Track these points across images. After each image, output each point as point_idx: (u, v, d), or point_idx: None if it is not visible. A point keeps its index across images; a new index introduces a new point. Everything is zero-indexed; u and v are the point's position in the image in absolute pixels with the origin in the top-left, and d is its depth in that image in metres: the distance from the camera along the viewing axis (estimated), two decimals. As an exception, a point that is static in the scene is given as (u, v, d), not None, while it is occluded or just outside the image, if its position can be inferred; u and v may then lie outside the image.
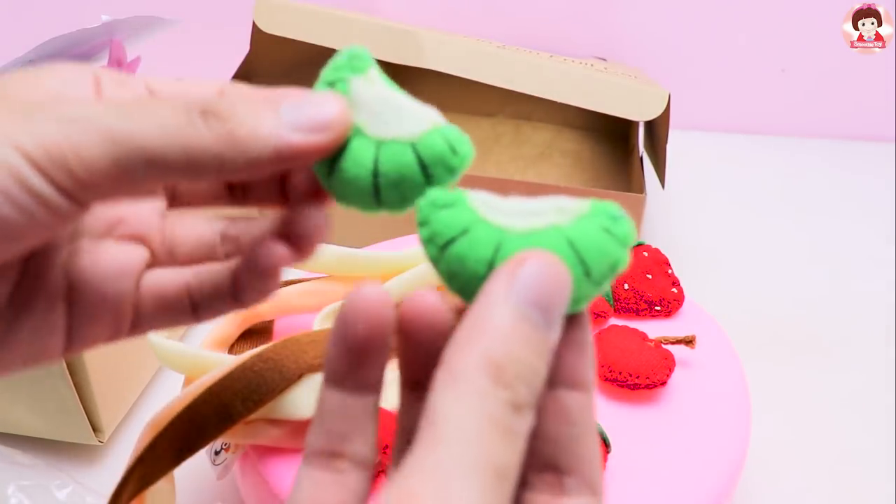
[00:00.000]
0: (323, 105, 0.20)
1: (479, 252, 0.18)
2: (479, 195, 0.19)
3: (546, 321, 0.17)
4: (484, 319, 0.17)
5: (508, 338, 0.17)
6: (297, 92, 0.20)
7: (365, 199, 0.21)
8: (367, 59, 0.21)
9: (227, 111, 0.19)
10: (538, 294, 0.17)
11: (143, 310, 0.23)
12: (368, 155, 0.20)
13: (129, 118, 0.18)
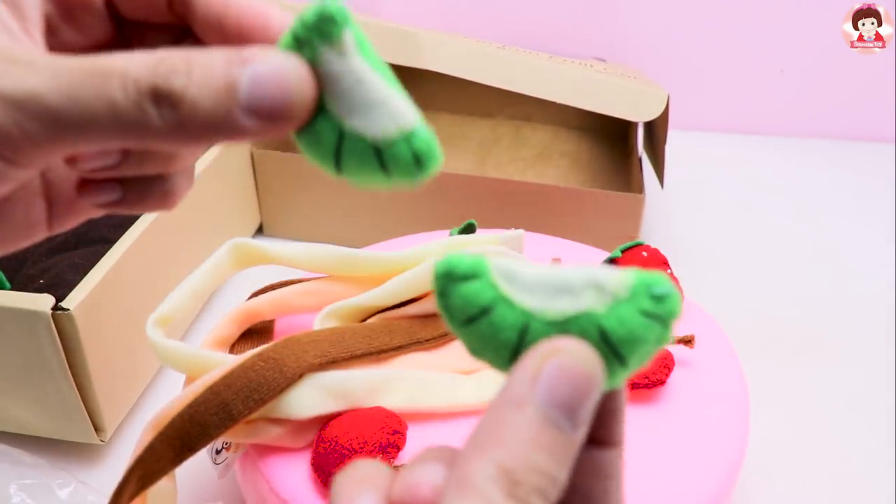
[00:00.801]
0: (287, 89, 0.18)
1: (502, 337, 0.17)
2: (503, 263, 0.17)
3: (573, 424, 0.15)
4: (502, 423, 0.15)
5: (529, 446, 0.15)
6: (260, 59, 0.18)
7: (327, 167, 0.20)
8: (340, 21, 0.19)
9: (179, 92, 0.18)
10: (566, 394, 0.15)
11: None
12: (331, 138, 0.19)
13: (75, 99, 0.18)
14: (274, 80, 0.18)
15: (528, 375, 0.16)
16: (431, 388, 0.34)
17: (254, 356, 0.32)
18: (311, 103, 0.19)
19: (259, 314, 0.39)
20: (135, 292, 0.43)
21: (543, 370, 0.16)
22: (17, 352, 0.38)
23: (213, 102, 0.18)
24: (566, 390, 0.15)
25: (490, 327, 0.17)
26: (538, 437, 0.15)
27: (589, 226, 0.56)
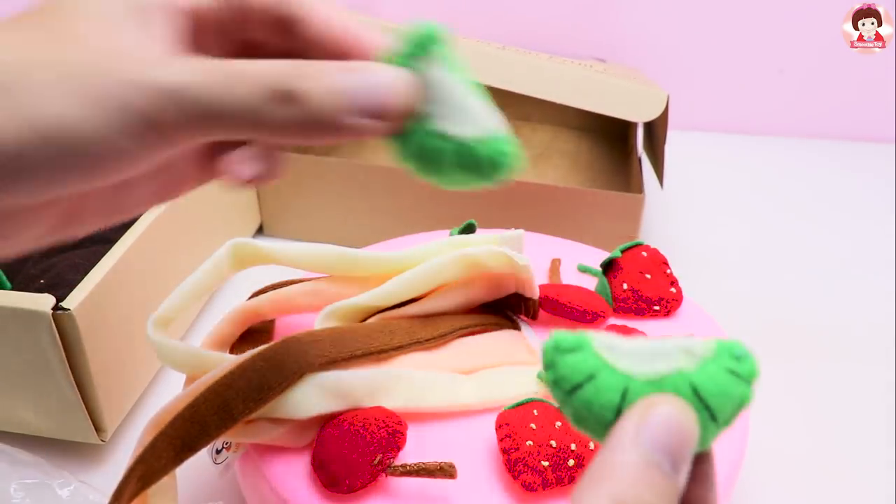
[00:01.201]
0: (393, 94, 0.22)
1: (606, 398, 0.19)
2: (603, 337, 0.20)
3: (674, 467, 0.17)
4: (612, 462, 0.17)
5: (637, 482, 0.17)
6: (373, 68, 0.22)
7: (416, 167, 0.24)
8: (439, 39, 0.23)
9: (303, 95, 0.21)
10: (667, 440, 0.18)
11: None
12: (422, 141, 0.23)
13: (218, 93, 0.21)
14: (384, 86, 0.22)
15: (634, 423, 0.18)
16: (431, 388, 0.34)
17: (254, 356, 0.32)
18: (412, 107, 0.22)
19: (259, 314, 0.39)
20: (135, 292, 0.43)
21: (648, 418, 0.18)
22: (17, 352, 0.38)
23: (332, 103, 0.21)
24: (667, 437, 0.18)
25: (595, 391, 0.19)
26: (645, 476, 0.17)
27: (589, 226, 0.56)
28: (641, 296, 0.41)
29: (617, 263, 0.42)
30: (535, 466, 0.30)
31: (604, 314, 0.40)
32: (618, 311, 0.41)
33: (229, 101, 0.21)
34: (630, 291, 0.41)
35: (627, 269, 0.42)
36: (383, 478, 0.31)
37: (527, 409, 0.32)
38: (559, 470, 0.30)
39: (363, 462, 0.30)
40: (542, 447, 0.31)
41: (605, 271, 0.42)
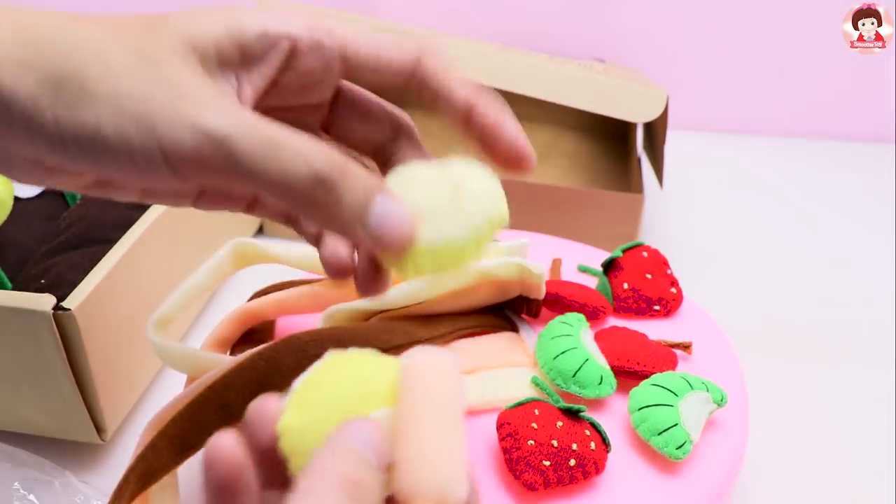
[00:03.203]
0: (400, 232, 0.23)
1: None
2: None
3: (378, 463, 0.20)
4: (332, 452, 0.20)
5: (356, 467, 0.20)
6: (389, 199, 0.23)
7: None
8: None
9: (338, 191, 0.23)
10: (371, 440, 0.21)
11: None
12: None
13: (260, 153, 0.22)
14: (394, 216, 0.23)
15: (343, 427, 0.21)
16: (431, 388, 0.34)
17: (254, 355, 0.33)
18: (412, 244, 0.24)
19: (260, 315, 0.39)
20: (136, 292, 0.43)
21: (352, 426, 0.21)
22: (18, 352, 0.38)
23: (350, 209, 0.23)
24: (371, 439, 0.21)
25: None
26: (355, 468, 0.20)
27: (588, 226, 0.56)
28: (642, 295, 0.41)
29: (618, 263, 0.42)
30: (537, 466, 0.30)
31: (604, 310, 0.40)
32: (618, 311, 0.41)
33: (268, 165, 0.22)
34: (631, 291, 0.41)
35: (628, 268, 0.42)
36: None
37: (528, 408, 0.32)
38: (560, 469, 0.30)
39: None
40: (543, 447, 0.31)
41: (606, 271, 0.43)
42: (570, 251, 0.47)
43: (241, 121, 0.22)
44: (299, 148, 0.22)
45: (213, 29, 0.24)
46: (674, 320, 0.42)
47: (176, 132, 0.22)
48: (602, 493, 0.32)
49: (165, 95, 0.22)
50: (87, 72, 0.22)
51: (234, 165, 0.22)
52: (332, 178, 0.22)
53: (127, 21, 0.24)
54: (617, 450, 0.33)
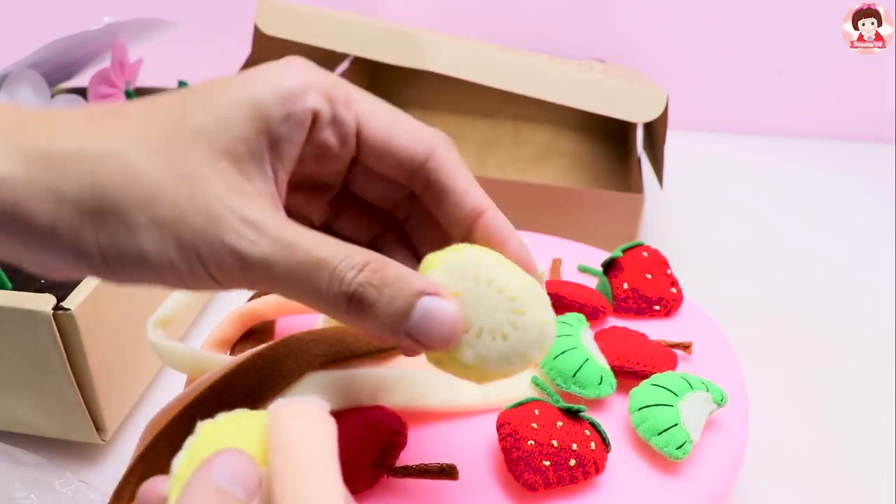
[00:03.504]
0: (444, 329, 0.24)
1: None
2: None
3: (246, 493, 0.20)
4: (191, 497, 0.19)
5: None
6: (433, 300, 0.24)
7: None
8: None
9: (369, 304, 0.23)
10: (236, 473, 0.20)
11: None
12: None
13: (292, 275, 0.23)
14: (437, 319, 0.24)
15: (203, 468, 0.20)
16: (431, 388, 0.34)
17: (254, 355, 0.33)
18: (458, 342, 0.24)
19: (260, 315, 0.39)
20: (135, 292, 0.43)
21: (214, 461, 0.20)
22: (18, 352, 0.38)
23: (390, 317, 0.23)
24: (236, 471, 0.20)
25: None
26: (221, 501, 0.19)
27: (588, 226, 0.56)
28: (642, 295, 0.41)
29: (618, 263, 0.42)
30: (537, 466, 0.30)
31: (604, 310, 0.40)
32: (618, 311, 0.41)
33: (300, 284, 0.23)
34: (630, 291, 0.41)
35: (628, 268, 0.42)
36: (385, 479, 0.31)
37: (528, 408, 0.32)
38: (560, 469, 0.30)
39: (364, 463, 0.30)
40: (543, 447, 0.31)
41: (606, 271, 0.43)
42: (570, 251, 0.47)
43: (278, 242, 0.23)
44: (335, 267, 0.23)
45: (238, 125, 0.24)
46: (674, 320, 0.42)
47: (217, 256, 0.23)
48: (602, 493, 0.32)
49: (203, 219, 0.22)
50: (124, 198, 0.22)
51: (274, 283, 0.23)
52: (369, 297, 0.23)
53: (148, 124, 0.23)
54: (617, 450, 0.33)
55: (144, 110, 0.24)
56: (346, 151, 0.27)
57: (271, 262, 0.23)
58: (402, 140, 0.26)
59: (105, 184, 0.22)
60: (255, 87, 0.24)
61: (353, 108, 0.26)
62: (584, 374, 0.35)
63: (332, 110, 0.25)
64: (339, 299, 0.23)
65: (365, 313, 0.23)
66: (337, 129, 0.26)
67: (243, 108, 0.24)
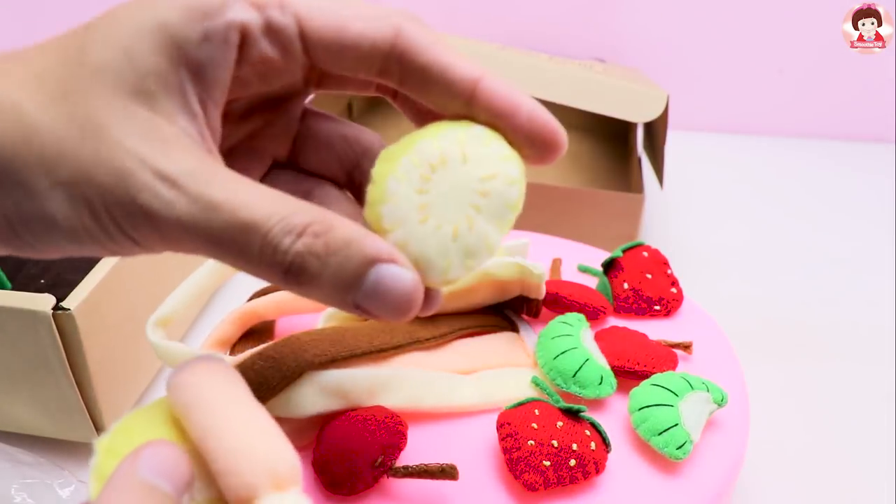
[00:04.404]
0: (399, 300, 0.20)
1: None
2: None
3: (175, 489, 0.18)
4: (115, 490, 0.18)
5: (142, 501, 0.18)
6: (388, 267, 0.20)
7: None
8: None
9: (310, 275, 0.20)
10: (164, 467, 0.18)
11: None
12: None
13: (216, 241, 0.19)
14: (393, 288, 0.20)
15: (129, 460, 0.18)
16: (431, 388, 0.34)
17: (253, 355, 0.32)
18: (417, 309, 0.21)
19: (260, 315, 0.39)
20: (135, 292, 0.43)
21: (141, 454, 0.19)
22: (17, 352, 0.38)
23: (335, 288, 0.20)
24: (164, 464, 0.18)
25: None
26: (142, 500, 0.18)
27: (589, 226, 0.56)
28: (642, 295, 0.41)
29: (618, 263, 0.42)
30: (537, 466, 0.30)
31: (604, 310, 0.40)
32: (618, 311, 0.41)
33: (227, 249, 0.20)
34: (631, 291, 0.41)
35: (628, 268, 0.42)
36: (385, 479, 0.31)
37: (528, 408, 0.32)
38: (561, 470, 0.30)
39: (365, 464, 0.30)
40: (543, 447, 0.31)
41: (607, 271, 0.43)
42: (570, 251, 0.47)
43: (198, 202, 0.19)
44: (269, 231, 0.19)
45: (145, 57, 0.20)
46: (674, 320, 0.42)
47: (132, 219, 0.20)
48: (602, 493, 0.32)
49: (113, 177, 0.19)
50: (22, 160, 0.19)
51: (198, 248, 0.20)
52: (310, 268, 0.20)
53: (44, 65, 0.20)
54: (617, 450, 0.33)
55: (40, 50, 0.21)
56: (293, 60, 0.22)
57: (190, 225, 0.19)
58: (355, 28, 0.22)
59: (0, 144, 0.19)
60: (158, 6, 0.20)
61: (289, 9, 0.22)
62: (584, 374, 0.35)
63: (264, 17, 0.21)
64: (274, 269, 0.20)
65: (306, 285, 0.20)
66: (274, 38, 0.22)
67: (150, 34, 0.20)
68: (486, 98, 0.22)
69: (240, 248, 0.19)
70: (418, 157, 0.22)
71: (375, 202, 0.22)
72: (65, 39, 0.21)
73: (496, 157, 0.22)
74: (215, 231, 0.19)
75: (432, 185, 0.22)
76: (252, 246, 0.19)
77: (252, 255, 0.19)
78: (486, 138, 0.22)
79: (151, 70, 0.20)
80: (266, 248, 0.19)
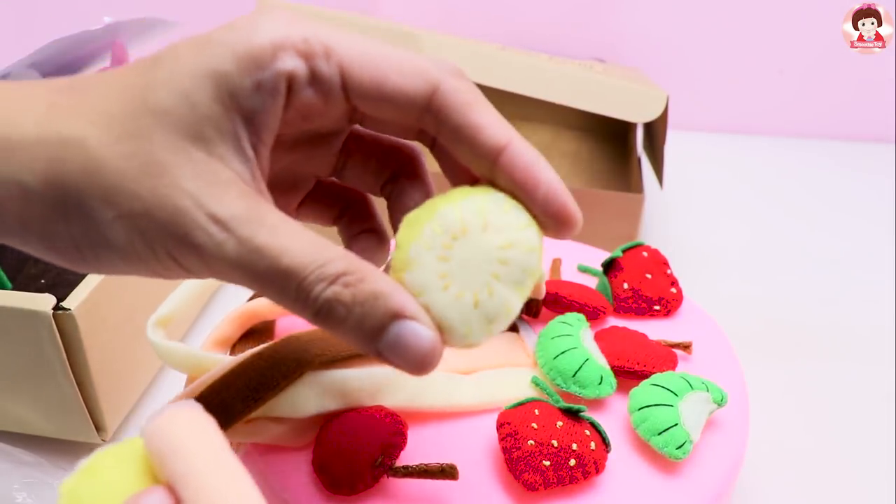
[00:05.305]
0: (418, 357, 0.22)
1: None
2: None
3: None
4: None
5: None
6: (410, 325, 0.22)
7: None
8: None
9: (338, 319, 0.21)
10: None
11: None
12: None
13: (258, 282, 0.22)
14: (413, 344, 0.22)
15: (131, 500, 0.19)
16: (431, 388, 0.34)
17: (253, 355, 0.32)
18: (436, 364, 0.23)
19: (260, 315, 0.39)
20: (135, 292, 0.43)
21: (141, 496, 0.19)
22: (18, 351, 0.38)
23: (358, 335, 0.22)
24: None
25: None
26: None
27: (589, 226, 0.56)
28: (642, 295, 0.41)
29: (618, 263, 0.42)
30: (537, 466, 0.30)
31: (604, 310, 0.40)
32: (618, 311, 0.41)
33: (265, 290, 0.22)
34: (631, 291, 0.41)
35: (628, 268, 0.42)
36: (385, 479, 0.31)
37: (528, 408, 0.32)
38: (560, 469, 0.30)
39: (365, 463, 0.30)
40: (543, 447, 0.31)
41: (606, 271, 0.43)
42: (570, 251, 0.47)
43: (245, 245, 0.21)
44: (304, 279, 0.21)
45: (203, 104, 0.21)
46: (674, 320, 0.42)
47: (184, 253, 0.21)
48: (602, 493, 0.32)
49: (168, 214, 0.21)
50: (87, 193, 0.21)
51: (241, 283, 0.22)
52: (337, 314, 0.21)
53: (108, 102, 0.22)
54: (617, 450, 0.33)
55: (105, 86, 0.22)
56: (335, 107, 0.24)
57: (236, 265, 0.21)
58: (394, 82, 0.23)
59: (66, 176, 0.21)
60: (216, 54, 0.22)
61: (333, 59, 0.23)
62: (584, 374, 0.35)
63: (309, 66, 0.22)
64: (307, 311, 0.22)
65: (333, 327, 0.22)
66: (318, 88, 0.23)
67: (208, 81, 0.21)
68: (508, 168, 0.23)
69: (279, 289, 0.22)
70: (440, 224, 0.23)
71: (399, 269, 0.23)
72: (129, 76, 0.22)
73: (515, 226, 0.23)
74: (259, 273, 0.21)
75: (454, 252, 0.23)
76: (289, 289, 0.21)
77: (289, 297, 0.22)
78: (506, 206, 0.23)
79: (209, 116, 0.21)
80: (301, 292, 0.21)
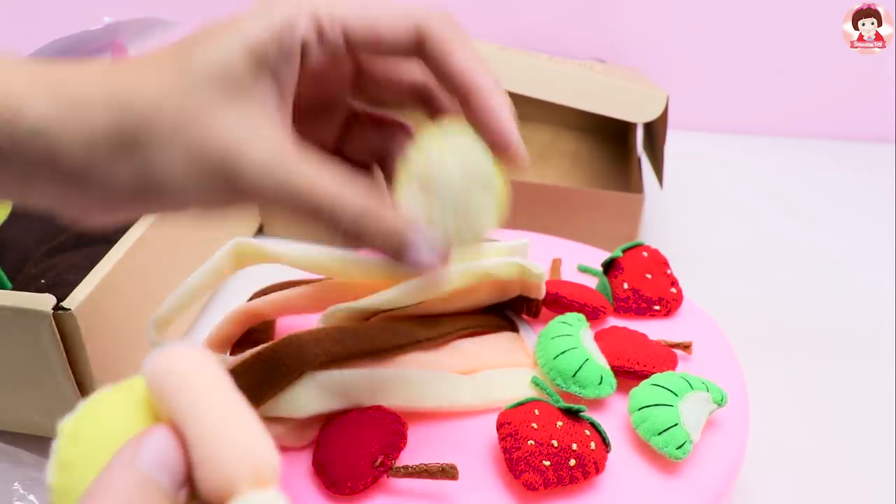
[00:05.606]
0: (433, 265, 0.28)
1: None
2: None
3: (173, 485, 0.18)
4: (112, 479, 0.18)
5: (134, 498, 0.17)
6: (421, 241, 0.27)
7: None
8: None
9: (366, 240, 0.27)
10: (165, 459, 0.18)
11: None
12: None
13: (293, 211, 0.26)
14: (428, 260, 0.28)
15: (132, 445, 0.18)
16: (431, 388, 0.34)
17: (254, 354, 0.33)
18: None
19: (260, 314, 0.39)
20: (135, 292, 0.43)
21: (144, 441, 0.18)
22: (18, 351, 0.38)
23: (383, 248, 0.27)
24: (165, 457, 0.18)
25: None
26: (142, 493, 0.17)
27: (589, 226, 0.56)
28: (642, 295, 0.41)
29: (618, 263, 0.42)
30: (537, 466, 0.30)
31: (604, 310, 0.40)
32: (618, 311, 0.41)
33: (307, 220, 0.26)
34: (631, 291, 0.41)
35: (628, 268, 0.42)
36: (385, 479, 0.31)
37: (528, 408, 0.32)
38: (560, 469, 0.30)
39: (365, 463, 0.30)
40: (543, 447, 0.31)
41: (606, 271, 0.43)
42: (570, 251, 0.47)
43: (284, 185, 0.25)
44: (332, 210, 0.26)
45: (240, 70, 0.25)
46: (674, 320, 0.42)
47: (231, 191, 0.25)
48: (602, 493, 0.32)
49: (220, 157, 0.25)
50: (153, 132, 0.24)
51: (278, 212, 0.27)
52: (357, 233, 0.26)
53: (160, 72, 0.25)
54: (617, 450, 0.33)
55: (156, 61, 0.26)
56: (340, 65, 0.29)
57: (276, 200, 0.25)
58: (385, 23, 0.27)
59: (134, 120, 0.24)
60: (246, 27, 0.26)
61: (337, 22, 0.26)
62: (584, 374, 0.35)
63: (318, 32, 0.26)
64: (338, 233, 0.26)
65: (360, 244, 0.27)
66: (326, 48, 0.27)
67: (241, 51, 0.25)
68: (473, 111, 0.29)
69: (312, 218, 0.26)
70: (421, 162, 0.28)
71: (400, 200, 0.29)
72: (174, 48, 0.26)
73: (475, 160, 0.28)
74: (296, 206, 0.26)
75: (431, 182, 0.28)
76: (321, 217, 0.26)
77: (321, 222, 0.26)
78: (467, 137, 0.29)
79: (245, 77, 0.25)
80: (332, 220, 0.26)
